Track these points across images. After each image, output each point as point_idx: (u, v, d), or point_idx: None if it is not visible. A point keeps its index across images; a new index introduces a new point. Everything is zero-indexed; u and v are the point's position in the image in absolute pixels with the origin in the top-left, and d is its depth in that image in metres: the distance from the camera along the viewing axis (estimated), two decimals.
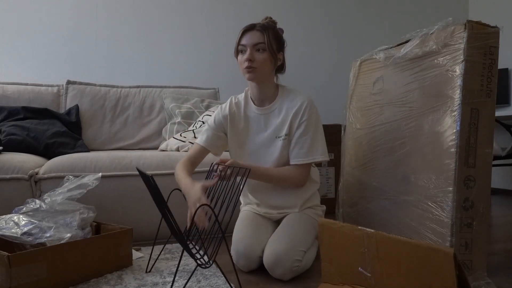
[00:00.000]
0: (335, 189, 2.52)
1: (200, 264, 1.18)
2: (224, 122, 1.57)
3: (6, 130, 1.99)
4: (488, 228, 1.31)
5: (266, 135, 1.52)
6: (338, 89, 3.21)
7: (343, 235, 1.11)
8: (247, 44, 1.42)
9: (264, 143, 1.52)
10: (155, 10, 2.95)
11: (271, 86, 1.51)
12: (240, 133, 1.56)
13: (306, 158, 1.46)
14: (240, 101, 1.58)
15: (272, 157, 1.51)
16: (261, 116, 1.53)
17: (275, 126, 1.50)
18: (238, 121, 1.57)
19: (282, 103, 1.50)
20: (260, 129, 1.53)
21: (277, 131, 1.50)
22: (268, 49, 1.42)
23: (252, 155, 1.54)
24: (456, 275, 0.85)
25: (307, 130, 1.46)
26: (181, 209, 1.50)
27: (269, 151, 1.51)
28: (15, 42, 2.65)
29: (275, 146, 1.50)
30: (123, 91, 2.52)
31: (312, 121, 1.47)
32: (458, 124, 1.27)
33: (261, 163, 1.51)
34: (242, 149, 1.57)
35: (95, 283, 1.32)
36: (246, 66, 1.41)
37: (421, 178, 1.40)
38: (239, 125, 1.56)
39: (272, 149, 1.50)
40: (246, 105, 1.57)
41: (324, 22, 3.37)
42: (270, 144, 1.51)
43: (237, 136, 1.57)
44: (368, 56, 1.78)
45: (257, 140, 1.54)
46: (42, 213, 1.38)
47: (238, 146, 1.57)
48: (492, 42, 1.28)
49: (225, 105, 1.60)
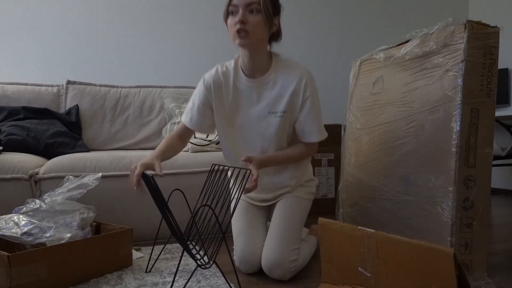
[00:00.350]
0: (335, 189, 2.53)
1: (200, 265, 1.18)
2: (209, 94, 1.41)
3: (6, 130, 1.99)
4: (488, 228, 1.31)
5: (259, 109, 1.39)
6: (338, 89, 3.21)
7: (343, 235, 1.11)
8: (239, 4, 1.24)
9: (257, 118, 1.39)
10: (155, 10, 2.94)
11: (264, 55, 1.36)
12: (228, 107, 1.41)
13: (320, 135, 1.40)
14: (229, 70, 1.41)
15: (267, 133, 1.39)
16: (253, 88, 1.38)
17: (269, 100, 1.37)
18: (226, 93, 1.40)
19: (277, 75, 1.37)
20: (252, 102, 1.39)
21: (272, 105, 1.37)
22: (264, 11, 1.25)
23: (244, 131, 1.42)
24: (456, 275, 0.85)
25: (313, 106, 1.36)
26: (181, 209, 1.50)
27: (262, 127, 1.39)
28: (15, 42, 2.65)
29: (269, 122, 1.38)
30: (123, 91, 2.52)
31: (316, 95, 1.38)
32: (458, 124, 1.27)
33: (254, 139, 1.41)
34: (232, 126, 1.43)
35: (95, 283, 1.32)
36: (238, 29, 1.24)
37: (421, 178, 1.40)
38: (227, 98, 1.41)
39: (266, 124, 1.39)
40: (236, 76, 1.40)
41: (324, 22, 3.37)
42: (263, 119, 1.39)
43: (225, 111, 1.42)
44: (368, 56, 1.78)
45: (249, 115, 1.40)
46: (42, 213, 1.38)
47: (227, 123, 1.43)
48: (492, 42, 1.28)
49: (209, 75, 1.42)
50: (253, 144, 1.43)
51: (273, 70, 1.37)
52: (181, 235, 1.16)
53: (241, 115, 1.41)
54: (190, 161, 1.91)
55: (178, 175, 1.86)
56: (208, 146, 2.05)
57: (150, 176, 1.17)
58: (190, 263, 1.53)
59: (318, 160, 2.57)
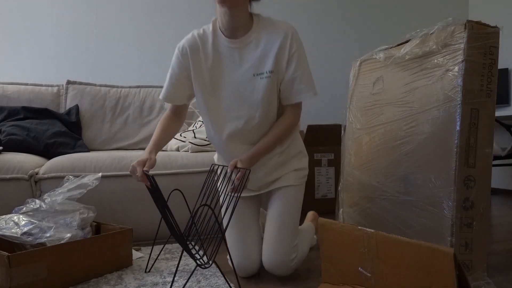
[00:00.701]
0: (335, 189, 2.53)
1: (199, 264, 1.18)
2: (185, 61, 1.32)
3: (6, 130, 1.99)
4: (488, 228, 1.31)
5: (243, 72, 1.30)
6: (338, 89, 3.21)
7: (343, 235, 1.11)
8: None
9: (241, 82, 1.30)
10: (155, 10, 2.94)
11: (245, 14, 1.27)
12: (209, 73, 1.32)
13: (309, 91, 1.31)
14: (206, 33, 1.32)
15: (253, 99, 1.30)
16: (235, 49, 1.29)
17: (253, 61, 1.29)
18: (205, 58, 1.31)
19: (260, 34, 1.29)
20: (234, 65, 1.30)
21: (256, 67, 1.29)
22: None
23: (227, 98, 1.32)
24: (456, 275, 0.85)
25: (301, 62, 1.29)
26: (181, 209, 1.50)
27: (247, 91, 1.30)
28: (15, 42, 2.65)
29: (255, 86, 1.29)
30: (123, 91, 2.52)
31: (302, 50, 1.30)
32: (458, 124, 1.27)
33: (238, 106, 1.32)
34: (214, 95, 1.33)
35: (95, 283, 1.32)
36: None
37: (421, 178, 1.40)
38: (207, 63, 1.31)
39: (252, 88, 1.30)
40: (215, 38, 1.31)
41: (324, 22, 3.37)
42: (248, 82, 1.30)
43: (204, 77, 1.32)
44: (368, 56, 1.78)
45: (232, 79, 1.31)
46: (42, 213, 1.38)
47: (208, 92, 1.33)
48: (492, 42, 1.28)
49: (185, 40, 1.34)
50: (238, 112, 1.32)
51: (255, 29, 1.29)
52: (181, 235, 1.16)
53: (223, 80, 1.31)
54: (190, 161, 1.91)
55: (178, 175, 1.86)
56: (208, 146, 2.05)
57: (150, 176, 1.17)
58: (190, 263, 1.53)
59: (318, 160, 2.57)
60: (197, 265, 1.18)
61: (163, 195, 1.17)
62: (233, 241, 1.40)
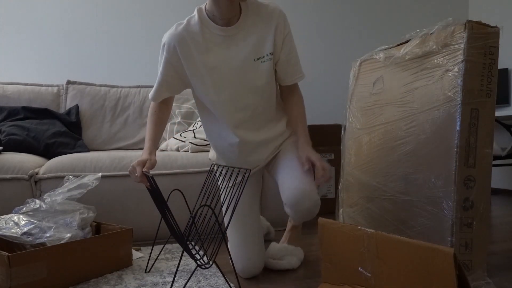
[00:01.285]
0: (335, 189, 2.53)
1: (200, 265, 1.18)
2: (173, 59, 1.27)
3: (6, 130, 1.99)
4: (488, 228, 1.31)
5: (242, 59, 1.25)
6: (338, 89, 3.21)
7: (343, 235, 1.11)
8: None
9: (242, 70, 1.26)
10: (155, 10, 2.94)
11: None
12: (206, 67, 1.26)
13: (301, 72, 1.35)
14: (192, 25, 1.25)
15: (258, 84, 1.27)
16: (230, 37, 1.25)
17: (252, 45, 1.25)
18: (198, 52, 1.25)
19: (253, 17, 1.26)
20: (232, 54, 1.25)
21: (256, 51, 1.26)
22: None
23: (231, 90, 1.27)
24: (456, 275, 0.85)
25: (292, 43, 1.31)
26: (181, 209, 1.50)
27: (248, 78, 1.27)
28: (15, 42, 2.65)
29: (257, 71, 1.26)
30: (123, 91, 2.52)
31: (290, 31, 1.31)
32: (458, 124, 1.27)
33: (243, 96, 1.28)
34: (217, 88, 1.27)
35: (95, 283, 1.32)
36: None
37: (421, 178, 1.40)
38: (201, 57, 1.25)
39: (253, 74, 1.27)
40: (204, 28, 1.24)
41: (324, 22, 3.37)
42: (249, 69, 1.26)
43: (202, 73, 1.26)
44: (368, 56, 1.78)
45: (233, 69, 1.26)
46: (42, 213, 1.38)
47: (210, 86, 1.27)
48: (492, 42, 1.28)
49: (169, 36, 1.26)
50: (244, 101, 1.30)
51: (247, 14, 1.27)
52: (181, 235, 1.16)
53: (223, 71, 1.26)
54: (189, 161, 1.91)
55: (178, 175, 1.86)
56: (208, 146, 2.05)
57: (150, 176, 1.17)
58: (190, 263, 1.53)
59: None
60: (197, 265, 1.18)
61: (163, 195, 1.17)
62: (234, 245, 1.38)
